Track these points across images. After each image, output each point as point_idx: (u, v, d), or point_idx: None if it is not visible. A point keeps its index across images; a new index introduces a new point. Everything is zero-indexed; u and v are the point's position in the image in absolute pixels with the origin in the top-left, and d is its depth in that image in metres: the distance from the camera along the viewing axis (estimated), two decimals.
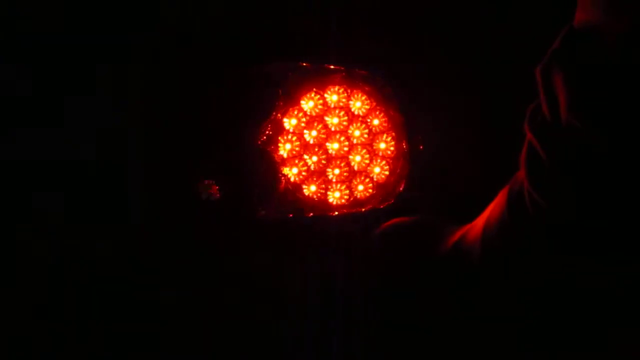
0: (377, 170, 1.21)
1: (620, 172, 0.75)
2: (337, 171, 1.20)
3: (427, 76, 1.22)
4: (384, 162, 1.21)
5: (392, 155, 1.21)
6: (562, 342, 0.97)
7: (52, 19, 1.19)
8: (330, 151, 1.20)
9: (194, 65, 1.20)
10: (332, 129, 1.20)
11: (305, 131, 1.20)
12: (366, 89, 1.21)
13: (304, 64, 1.20)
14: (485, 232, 0.93)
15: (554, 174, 0.78)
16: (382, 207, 1.19)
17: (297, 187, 1.19)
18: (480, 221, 0.96)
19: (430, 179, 1.21)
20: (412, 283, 1.08)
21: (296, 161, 1.19)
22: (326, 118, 1.20)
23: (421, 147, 1.19)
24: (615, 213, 0.78)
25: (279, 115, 1.19)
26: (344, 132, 1.20)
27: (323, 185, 1.19)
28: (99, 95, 1.20)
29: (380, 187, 1.21)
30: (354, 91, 1.21)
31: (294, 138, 1.19)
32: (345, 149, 1.20)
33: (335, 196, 1.20)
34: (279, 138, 1.19)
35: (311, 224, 1.19)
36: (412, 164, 1.20)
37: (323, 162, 1.20)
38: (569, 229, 0.80)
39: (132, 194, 1.20)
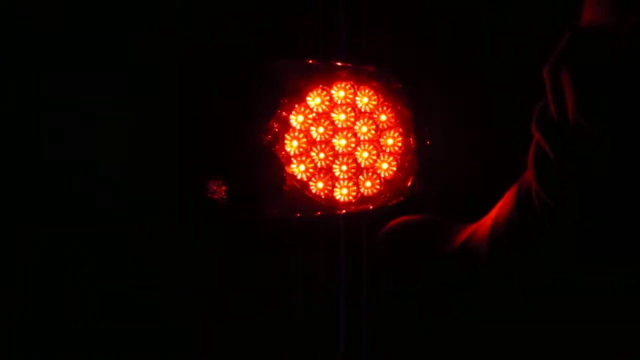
0: (384, 166, 1.20)
1: (624, 172, 0.75)
2: (344, 168, 1.20)
3: (427, 76, 1.22)
4: (391, 158, 1.20)
5: (400, 151, 1.20)
6: (563, 342, 0.97)
7: (52, 19, 1.19)
8: (337, 148, 1.20)
9: (194, 65, 1.20)
10: (339, 125, 1.20)
11: (312, 128, 1.19)
12: (373, 84, 1.20)
13: (310, 61, 1.20)
14: (493, 231, 0.93)
15: (561, 174, 0.78)
16: (390, 205, 1.19)
17: (304, 184, 1.19)
18: (488, 220, 0.96)
19: (432, 178, 1.21)
20: (417, 282, 1.08)
21: (303, 158, 1.19)
22: (333, 114, 1.20)
23: (428, 142, 1.19)
24: (618, 213, 0.78)
25: (284, 112, 1.19)
26: (350, 128, 1.20)
27: (330, 182, 1.19)
28: (99, 95, 1.20)
29: (387, 183, 1.20)
30: (361, 87, 1.20)
31: (301, 135, 1.19)
32: (352, 145, 1.20)
33: (342, 193, 1.19)
34: (286, 135, 1.19)
35: (318, 222, 1.19)
36: (419, 159, 1.19)
37: (330, 158, 1.19)
38: (576, 228, 0.80)
39: (132, 194, 1.20)
